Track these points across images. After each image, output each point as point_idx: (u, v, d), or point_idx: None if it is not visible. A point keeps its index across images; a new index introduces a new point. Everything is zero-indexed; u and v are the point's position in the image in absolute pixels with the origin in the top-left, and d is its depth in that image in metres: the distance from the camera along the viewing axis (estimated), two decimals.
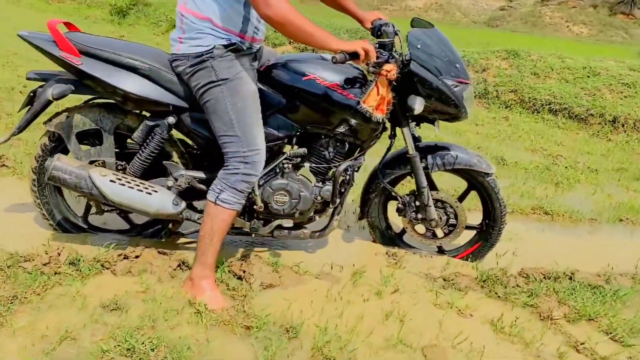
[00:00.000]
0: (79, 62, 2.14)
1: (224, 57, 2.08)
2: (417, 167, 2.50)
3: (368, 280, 2.41)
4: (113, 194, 2.20)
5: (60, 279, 2.10)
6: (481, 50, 7.94)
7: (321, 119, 2.33)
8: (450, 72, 2.29)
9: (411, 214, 2.61)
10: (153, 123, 2.26)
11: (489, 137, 5.57)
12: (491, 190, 2.59)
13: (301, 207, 2.38)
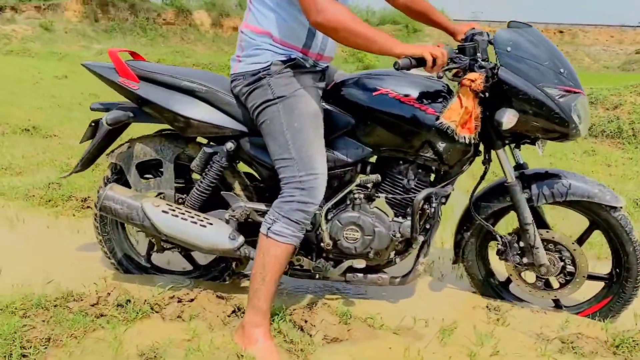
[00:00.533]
0: (137, 86, 2.04)
1: (282, 73, 1.86)
2: (518, 198, 2.03)
3: (459, 338, 1.94)
4: (165, 225, 2.00)
5: (103, 321, 1.90)
6: (612, 86, 7.10)
7: (397, 140, 1.98)
8: (552, 79, 1.84)
9: (514, 258, 2.11)
10: (211, 150, 2.07)
11: (624, 178, 4.78)
12: (620, 230, 2.02)
13: (376, 246, 2.01)
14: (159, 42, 25.61)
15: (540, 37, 1.94)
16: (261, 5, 1.86)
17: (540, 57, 1.86)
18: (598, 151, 5.85)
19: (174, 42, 26.46)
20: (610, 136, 6.29)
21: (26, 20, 23.37)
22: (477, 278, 2.29)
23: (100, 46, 20.89)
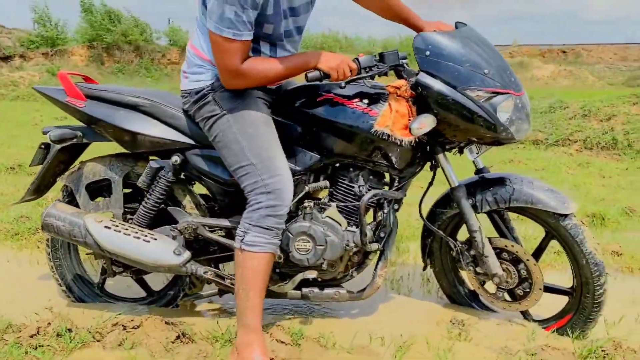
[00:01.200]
0: (83, 105, 2.02)
1: (225, 89, 1.84)
2: (462, 204, 1.95)
3: (416, 356, 1.82)
4: (107, 241, 1.95)
5: (39, 352, 1.81)
6: (604, 97, 7.01)
7: (344, 145, 1.91)
8: (475, 81, 1.76)
9: (468, 266, 2.02)
10: (157, 165, 2.03)
11: (617, 188, 4.65)
12: (570, 240, 1.89)
13: (329, 256, 1.91)
14: (165, 82, 26.06)
15: (473, 36, 1.88)
16: (203, 32, 1.84)
17: (463, 59, 1.78)
18: (593, 163, 5.74)
19: (178, 80, 26.91)
20: (605, 148, 6.18)
21: (34, 67, 23.93)
22: (446, 286, 2.20)
23: None
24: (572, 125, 6.68)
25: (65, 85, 2.05)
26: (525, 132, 1.90)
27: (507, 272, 1.98)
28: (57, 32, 26.75)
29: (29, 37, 26.14)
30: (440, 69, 1.77)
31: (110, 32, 26.05)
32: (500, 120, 1.77)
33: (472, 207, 1.95)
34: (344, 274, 2.02)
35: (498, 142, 1.85)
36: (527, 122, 1.88)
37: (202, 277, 1.99)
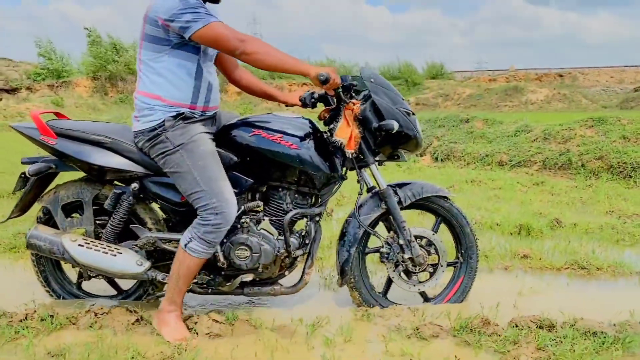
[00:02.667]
0: (54, 142, 2.44)
1: (176, 126, 2.26)
2: (391, 201, 2.46)
3: (324, 331, 2.29)
4: (81, 256, 2.41)
5: (27, 332, 2.28)
6: (564, 122, 7.52)
7: (271, 171, 2.39)
8: (401, 103, 2.37)
9: (398, 255, 2.48)
10: (120, 190, 2.48)
11: (559, 203, 5.11)
12: (458, 214, 2.56)
13: (263, 261, 2.36)
14: None
15: (380, 76, 2.43)
16: (150, 72, 2.27)
17: (387, 89, 2.37)
18: (547, 182, 6.21)
19: None
20: (562, 168, 6.65)
21: (40, 98, 24.68)
22: (362, 292, 2.56)
23: (109, 117, 21.92)
24: (534, 148, 7.16)
25: (37, 125, 2.45)
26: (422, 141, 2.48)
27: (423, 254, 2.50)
28: (62, 65, 27.49)
29: (35, 69, 26.93)
30: (383, 93, 2.36)
31: (114, 63, 26.71)
32: (418, 130, 2.38)
33: (398, 203, 2.47)
34: (279, 273, 2.47)
35: (413, 147, 2.44)
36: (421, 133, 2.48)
37: (161, 282, 2.46)
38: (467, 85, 37.98)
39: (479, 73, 48.18)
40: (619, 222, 4.22)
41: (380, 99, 2.34)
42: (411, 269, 2.51)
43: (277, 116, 2.44)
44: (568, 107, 31.84)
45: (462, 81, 42.94)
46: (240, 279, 2.43)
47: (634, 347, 2.08)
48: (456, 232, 2.58)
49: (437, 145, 8.25)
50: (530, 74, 43.45)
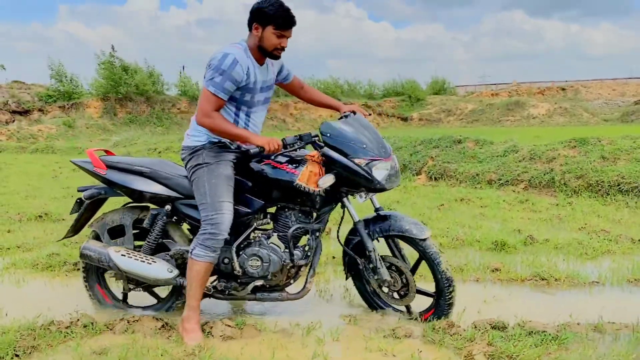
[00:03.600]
0: (104, 172, 3.03)
1: (212, 149, 2.84)
2: (361, 233, 2.90)
3: (316, 333, 2.79)
4: (123, 264, 2.95)
5: (72, 336, 2.79)
6: (549, 142, 8.01)
7: (279, 194, 2.88)
8: (358, 153, 2.75)
9: (369, 275, 2.95)
10: (156, 211, 3.04)
11: (538, 221, 5.59)
12: (429, 257, 2.82)
13: (272, 270, 2.85)
14: (175, 130, 27.39)
15: (362, 122, 2.91)
16: None
17: (350, 138, 2.80)
18: (531, 200, 6.69)
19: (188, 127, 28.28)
20: (546, 186, 7.13)
21: (51, 119, 25.43)
22: (361, 292, 3.12)
23: (118, 138, 22.58)
24: (520, 167, 7.64)
25: (91, 159, 3.07)
26: (394, 183, 2.88)
27: (394, 279, 2.91)
28: (73, 87, 28.26)
29: (47, 91, 27.72)
30: (338, 144, 2.78)
31: (125, 85, 27.44)
32: (375, 176, 2.75)
33: (368, 235, 2.90)
34: (285, 282, 2.97)
35: (376, 190, 2.83)
36: (395, 176, 2.87)
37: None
38: (470, 101, 38.59)
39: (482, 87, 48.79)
40: (586, 238, 4.70)
41: (330, 152, 2.77)
42: (382, 289, 2.95)
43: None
44: (569, 121, 32.33)
45: (465, 96, 43.58)
46: (253, 285, 2.91)
47: (568, 343, 2.56)
48: (432, 269, 2.84)
49: (431, 164, 8.75)
50: (532, 88, 44.02)
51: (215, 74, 2.68)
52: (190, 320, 2.76)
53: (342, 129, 2.84)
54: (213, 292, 2.97)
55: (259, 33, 2.75)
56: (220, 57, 2.69)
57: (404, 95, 37.65)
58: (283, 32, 2.76)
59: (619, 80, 44.41)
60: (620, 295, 3.40)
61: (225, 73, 2.67)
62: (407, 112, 36.00)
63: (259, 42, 2.77)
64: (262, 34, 2.75)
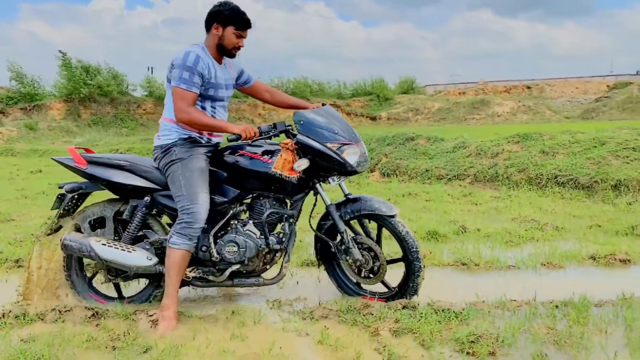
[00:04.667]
0: (86, 167, 3.14)
1: (184, 145, 2.99)
2: (333, 215, 3.06)
3: (240, 317, 2.94)
4: (104, 253, 3.04)
5: (2, 327, 2.89)
6: (495, 138, 8.32)
7: (254, 183, 3.04)
8: (330, 138, 2.94)
9: (342, 256, 3.11)
10: (135, 203, 3.16)
11: (477, 212, 5.85)
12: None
13: (248, 255, 2.99)
14: (140, 131, 27.16)
15: (330, 112, 3.10)
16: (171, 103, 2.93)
17: (322, 125, 2.97)
18: (474, 194, 6.97)
19: (154, 129, 28.08)
20: (490, 180, 7.43)
21: (12, 122, 24.97)
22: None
23: (81, 139, 22.34)
24: (467, 162, 7.93)
25: (73, 155, 3.16)
26: (364, 165, 3.06)
27: (365, 258, 3.06)
28: (34, 88, 27.78)
29: (7, 93, 27.19)
30: (310, 132, 2.95)
31: (87, 86, 27.09)
32: (347, 160, 2.93)
33: (339, 217, 3.07)
34: (261, 267, 3.11)
35: (347, 173, 3.00)
36: (364, 160, 3.05)
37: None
38: (437, 99, 39.18)
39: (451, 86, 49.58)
40: (516, 227, 4.97)
41: (304, 138, 2.94)
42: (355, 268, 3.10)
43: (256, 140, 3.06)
44: (532, 119, 33.13)
45: (433, 95, 44.22)
46: (230, 270, 3.04)
47: (469, 319, 2.77)
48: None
49: (385, 162, 8.99)
50: (498, 86, 44.93)
51: (183, 71, 2.86)
52: (168, 308, 2.87)
53: (314, 118, 3.02)
54: (192, 280, 3.10)
55: (219, 32, 2.97)
56: (183, 56, 2.88)
57: (373, 94, 38.00)
58: (241, 33, 3.00)
59: (582, 79, 45.67)
60: (530, 277, 3.64)
61: (191, 69, 2.85)
62: (376, 111, 36.35)
63: (218, 41, 2.98)
64: (223, 34, 2.97)
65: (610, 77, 46.00)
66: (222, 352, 2.52)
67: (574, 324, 2.68)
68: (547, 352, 2.42)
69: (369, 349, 2.52)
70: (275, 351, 2.49)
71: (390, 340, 2.58)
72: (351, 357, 2.44)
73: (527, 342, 2.54)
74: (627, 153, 6.66)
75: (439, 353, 2.44)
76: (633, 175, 6.24)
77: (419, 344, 2.55)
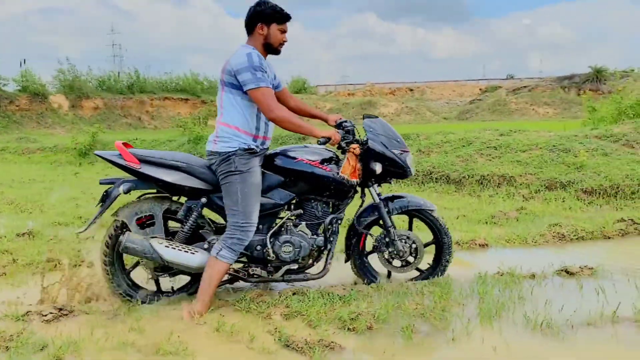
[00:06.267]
0: (139, 166, 3.08)
1: (243, 156, 3.03)
2: (382, 212, 3.38)
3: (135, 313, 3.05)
4: (167, 255, 3.04)
5: None
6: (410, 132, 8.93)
7: (309, 188, 3.23)
8: (395, 146, 3.28)
9: (384, 248, 3.42)
10: (191, 203, 3.17)
11: None
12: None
13: (302, 254, 3.20)
14: (13, 129, 25.12)
15: (384, 122, 3.38)
16: (229, 109, 3.04)
17: (386, 134, 3.28)
18: None
19: (29, 127, 26.12)
20: None
21: None
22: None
23: None
24: None
25: (122, 153, 3.11)
26: (413, 171, 3.42)
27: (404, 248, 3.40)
28: None
29: None
30: (378, 139, 3.26)
31: None
32: (408, 165, 3.26)
33: (387, 213, 3.36)
34: (309, 264, 3.30)
35: (405, 177, 3.39)
36: (413, 166, 3.41)
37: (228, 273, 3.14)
38: (328, 100, 40.29)
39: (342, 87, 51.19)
40: None
41: (374, 144, 3.25)
42: (394, 258, 3.43)
43: (311, 147, 3.30)
44: (414, 119, 35.19)
45: (324, 95, 45.40)
46: (286, 268, 3.22)
47: (351, 301, 3.11)
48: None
49: None
50: (384, 88, 47.16)
51: (255, 72, 2.93)
52: (200, 313, 2.94)
53: (381, 127, 3.33)
54: (243, 276, 3.21)
55: (265, 32, 3.08)
56: (247, 59, 2.96)
57: None
58: (284, 27, 3.13)
59: (459, 82, 49.25)
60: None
61: (260, 68, 2.96)
62: None
63: (264, 40, 3.09)
64: (268, 32, 3.08)
65: (484, 81, 49.87)
66: (122, 344, 2.64)
67: (438, 299, 3.12)
68: (414, 323, 2.82)
69: (262, 331, 2.77)
70: (173, 339, 2.66)
71: (281, 323, 2.85)
72: (246, 340, 2.68)
73: (399, 317, 2.92)
74: (489, 152, 7.51)
75: (324, 331, 2.75)
76: (494, 171, 7.06)
77: (307, 324, 2.84)
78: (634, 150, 7.11)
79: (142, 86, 33.00)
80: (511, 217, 5.44)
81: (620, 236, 4.77)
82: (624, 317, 2.89)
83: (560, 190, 6.46)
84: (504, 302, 3.11)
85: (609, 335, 2.72)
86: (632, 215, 5.15)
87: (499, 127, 8.75)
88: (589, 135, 7.88)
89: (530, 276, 3.61)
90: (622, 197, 6.09)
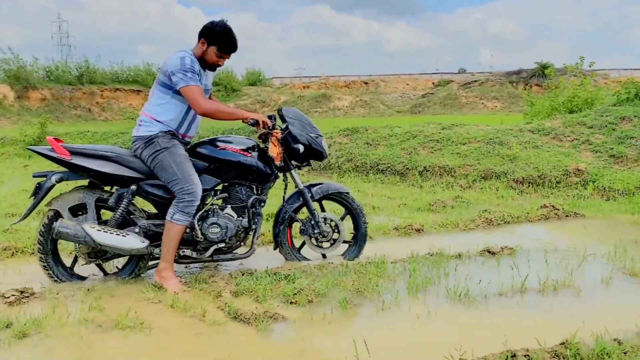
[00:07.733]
0: (70, 158, 3.26)
1: (165, 136, 3.34)
2: (306, 197, 3.70)
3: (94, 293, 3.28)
4: (100, 238, 3.23)
5: None
6: (328, 131, 9.28)
7: (232, 173, 3.51)
8: (310, 130, 3.61)
9: (309, 230, 3.76)
10: (122, 191, 3.37)
11: None
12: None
13: (229, 235, 3.49)
14: None
15: (298, 111, 3.71)
16: (156, 103, 3.36)
17: (302, 120, 3.60)
18: (310, 179, 7.79)
19: None
20: (324, 169, 8.35)
21: None
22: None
23: None
24: None
25: (53, 146, 3.29)
26: (328, 153, 3.76)
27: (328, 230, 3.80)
28: None
29: None
30: (297, 125, 3.57)
31: None
32: (324, 148, 3.62)
33: (310, 197, 3.69)
34: (236, 244, 3.57)
35: (322, 159, 3.76)
36: (327, 149, 3.74)
37: (156, 254, 3.39)
38: (283, 92, 40.42)
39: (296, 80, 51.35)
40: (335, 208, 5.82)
41: (294, 128, 3.59)
42: (319, 239, 3.82)
43: (233, 137, 3.61)
44: (368, 113, 35.76)
45: (279, 87, 45.46)
46: (214, 248, 3.48)
47: (295, 279, 3.43)
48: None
49: None
50: (339, 81, 47.60)
51: (186, 72, 3.23)
52: (167, 269, 3.31)
53: (298, 113, 3.69)
54: (177, 259, 3.44)
55: (204, 48, 3.35)
56: (180, 61, 3.25)
57: (220, 85, 37.97)
58: (223, 55, 3.40)
59: (412, 76, 50.20)
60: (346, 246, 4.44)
61: (192, 69, 3.25)
62: (223, 102, 36.31)
63: (201, 54, 3.37)
64: (206, 50, 3.36)
65: (437, 74, 50.95)
66: (84, 320, 2.87)
67: (373, 277, 3.48)
68: (350, 297, 3.17)
69: (213, 307, 3.05)
70: (131, 315, 2.91)
71: (231, 299, 3.15)
72: (198, 315, 2.96)
73: (337, 291, 3.27)
74: (432, 144, 7.98)
75: (270, 305, 3.06)
76: (435, 162, 7.53)
77: (254, 300, 3.15)
78: (562, 143, 7.73)
79: (92, 77, 32.28)
80: (448, 205, 5.90)
81: (542, 220, 5.29)
82: (530, 288, 3.33)
83: (494, 180, 6.99)
84: (431, 277, 3.50)
85: (516, 303, 3.16)
86: (555, 202, 5.69)
87: (442, 122, 9.26)
88: (523, 129, 8.47)
89: (457, 256, 4.02)
90: (548, 186, 6.67)
